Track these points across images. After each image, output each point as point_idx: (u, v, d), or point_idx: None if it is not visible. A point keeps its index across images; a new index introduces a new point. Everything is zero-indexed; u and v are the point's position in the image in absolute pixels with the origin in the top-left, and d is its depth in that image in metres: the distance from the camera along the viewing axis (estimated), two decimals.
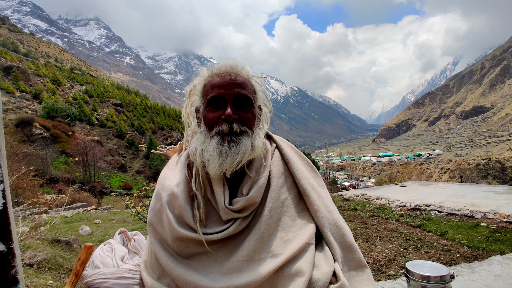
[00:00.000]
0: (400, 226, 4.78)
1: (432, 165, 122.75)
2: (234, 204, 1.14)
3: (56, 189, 24.33)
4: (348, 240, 1.19)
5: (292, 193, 1.23)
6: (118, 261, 1.36)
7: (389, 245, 3.86)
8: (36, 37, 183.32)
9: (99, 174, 38.10)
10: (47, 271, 3.46)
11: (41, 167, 27.47)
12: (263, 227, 1.12)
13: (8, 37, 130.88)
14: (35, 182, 11.16)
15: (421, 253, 3.51)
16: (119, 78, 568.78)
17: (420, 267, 1.57)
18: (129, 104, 73.69)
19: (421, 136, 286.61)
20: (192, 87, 1.34)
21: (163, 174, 1.31)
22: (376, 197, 7.34)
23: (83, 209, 11.95)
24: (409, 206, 5.98)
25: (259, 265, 1.05)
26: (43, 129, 41.98)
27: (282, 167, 1.27)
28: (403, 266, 3.15)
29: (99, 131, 54.80)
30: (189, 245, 1.12)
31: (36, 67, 76.85)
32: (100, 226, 7.00)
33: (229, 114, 1.11)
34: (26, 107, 51.18)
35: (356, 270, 1.15)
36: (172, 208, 1.15)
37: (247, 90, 1.18)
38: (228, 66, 1.20)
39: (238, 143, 1.12)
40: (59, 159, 38.65)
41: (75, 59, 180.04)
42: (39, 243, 4.20)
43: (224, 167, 1.10)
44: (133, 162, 49.61)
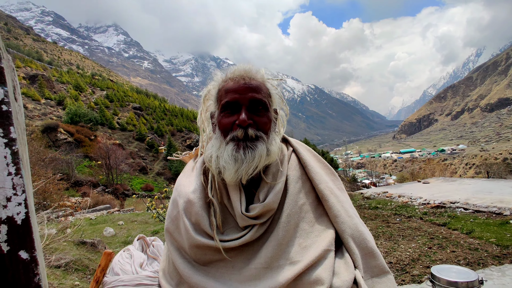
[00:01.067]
0: (423, 225, 4.65)
1: (456, 160, 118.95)
2: (251, 210, 1.12)
3: (80, 192, 25.11)
4: (370, 245, 1.14)
5: (310, 198, 1.20)
6: (137, 268, 1.38)
7: (412, 244, 3.76)
8: (58, 45, 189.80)
9: (121, 176, 39.04)
10: (74, 272, 3.58)
11: (66, 171, 28.45)
12: (280, 233, 1.09)
13: (33, 46, 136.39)
14: (60, 186, 11.58)
15: (446, 252, 3.40)
16: (138, 82, 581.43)
17: (446, 272, 1.50)
18: (148, 108, 75.17)
19: (443, 131, 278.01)
20: (206, 92, 1.33)
21: (179, 181, 1.31)
22: (398, 195, 7.18)
23: (107, 211, 12.28)
24: (433, 204, 5.81)
25: (278, 273, 1.03)
26: (67, 134, 43.46)
27: (299, 172, 1.24)
28: (428, 266, 3.06)
29: (120, 134, 56.17)
30: (206, 252, 1.11)
31: (59, 74, 79.68)
32: (123, 227, 7.17)
33: (244, 119, 1.09)
34: (51, 113, 53.14)
35: (379, 276, 1.11)
36: (188, 215, 1.15)
37: (262, 94, 1.16)
38: (242, 70, 1.18)
39: (253, 149, 1.10)
40: (83, 163, 39.87)
41: (96, 65, 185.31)
42: (66, 245, 4.35)
43: (240, 174, 1.09)
44: (154, 164, 50.56)
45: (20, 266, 0.61)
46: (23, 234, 0.62)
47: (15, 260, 0.61)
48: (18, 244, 0.61)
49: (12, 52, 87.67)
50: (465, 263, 3.11)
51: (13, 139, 0.62)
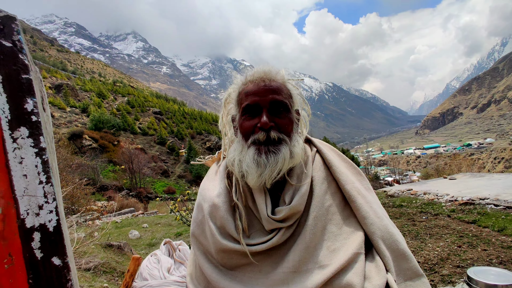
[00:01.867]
0: (451, 222, 4.50)
1: (484, 155, 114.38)
2: (277, 213, 1.10)
3: (106, 196, 25.86)
4: (402, 247, 1.10)
5: (337, 199, 1.18)
6: (165, 273, 1.39)
7: (440, 243, 3.64)
8: (81, 55, 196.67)
9: (144, 180, 39.94)
10: (102, 274, 3.69)
11: (92, 176, 29.43)
12: (308, 236, 1.07)
13: (57, 57, 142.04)
14: (87, 190, 11.98)
15: (477, 251, 3.27)
16: (157, 87, 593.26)
17: (484, 274, 1.43)
18: (168, 112, 76.60)
19: (469, 124, 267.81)
20: (227, 95, 1.32)
21: (203, 185, 1.30)
22: (423, 192, 6.98)
23: (132, 214, 12.60)
24: (461, 201, 5.61)
25: (306, 277, 1.01)
26: (92, 141, 44.96)
27: (324, 172, 1.21)
28: (458, 266, 2.95)
29: (142, 139, 57.51)
30: (232, 257, 1.10)
31: (82, 83, 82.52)
32: (147, 230, 7.33)
33: (265, 122, 1.07)
34: (76, 120, 55.09)
35: (413, 280, 1.07)
36: (214, 219, 1.14)
37: (283, 96, 1.14)
38: (262, 71, 1.16)
39: (276, 153, 1.08)
40: (108, 167, 41.10)
41: (117, 72, 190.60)
42: (94, 248, 4.49)
43: (263, 178, 1.07)
44: (175, 167, 51.44)
45: (53, 272, 0.64)
46: (55, 241, 0.64)
47: (49, 267, 0.63)
48: (51, 251, 0.64)
49: (38, 63, 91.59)
50: (498, 262, 2.98)
51: (43, 149, 0.64)
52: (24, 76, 0.65)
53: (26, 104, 0.64)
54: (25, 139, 0.63)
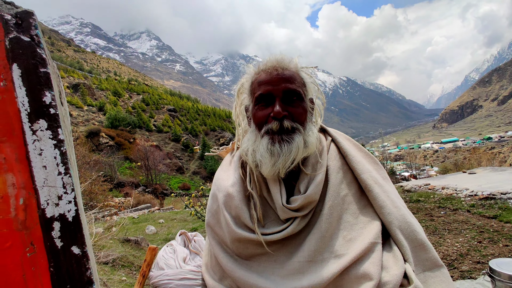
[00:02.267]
0: (471, 217, 4.38)
1: (505, 148, 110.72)
2: (292, 202, 1.09)
3: (123, 192, 26.43)
4: (420, 237, 1.07)
5: (353, 188, 1.16)
6: (181, 262, 1.41)
7: (460, 238, 3.56)
8: (97, 54, 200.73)
9: (160, 176, 40.58)
10: (120, 268, 3.77)
11: (109, 173, 30.10)
12: (323, 225, 1.06)
13: (74, 57, 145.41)
14: (105, 187, 12.26)
15: (499, 247, 3.18)
16: (171, 85, 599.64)
17: (508, 266, 1.38)
18: (182, 109, 77.40)
19: (489, 117, 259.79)
20: (240, 86, 1.31)
21: (217, 175, 1.30)
22: (441, 187, 6.82)
23: (148, 210, 12.82)
24: (481, 195, 5.45)
25: (322, 267, 1.00)
26: (108, 138, 45.92)
27: (339, 162, 1.19)
28: (478, 261, 2.88)
29: (157, 136, 58.36)
30: (248, 246, 1.10)
31: (98, 82, 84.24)
32: (163, 225, 7.44)
33: (278, 111, 1.06)
34: (93, 119, 56.35)
35: (432, 270, 1.04)
36: (228, 209, 1.14)
37: (296, 84, 1.12)
38: (274, 60, 1.14)
39: (289, 142, 1.07)
40: (124, 164, 41.93)
41: (131, 71, 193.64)
42: (112, 242, 4.59)
43: (277, 167, 1.06)
44: (189, 164, 52.02)
45: (73, 260, 0.66)
46: (74, 231, 0.66)
47: (68, 255, 0.65)
48: (70, 240, 0.66)
49: (56, 64, 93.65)
50: None
51: (61, 140, 0.66)
52: (42, 69, 0.65)
53: (45, 97, 0.65)
54: (44, 131, 0.64)
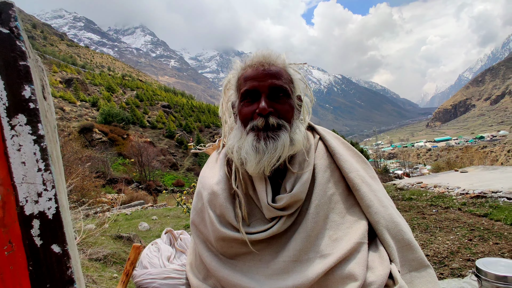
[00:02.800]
0: (462, 216, 4.43)
1: (497, 147, 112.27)
2: (278, 201, 1.07)
3: (116, 188, 26.24)
4: (407, 237, 1.07)
5: (340, 187, 1.14)
6: (165, 261, 1.40)
7: (451, 236, 3.59)
8: (90, 49, 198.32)
9: (153, 173, 40.42)
10: (112, 265, 3.74)
11: (102, 169, 29.90)
12: (309, 225, 1.04)
13: (67, 51, 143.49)
14: (97, 183, 12.16)
15: (489, 245, 3.21)
16: (166, 81, 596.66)
17: (494, 265, 1.38)
18: (176, 105, 77.02)
19: (482, 116, 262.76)
20: (227, 82, 1.29)
21: (203, 173, 1.28)
22: (433, 185, 6.88)
23: (141, 207, 12.74)
24: (473, 194, 5.51)
25: (307, 267, 0.99)
26: (102, 134, 45.55)
27: (327, 160, 1.17)
28: (468, 259, 2.91)
29: (150, 132, 58.03)
30: (232, 245, 1.08)
31: (92, 77, 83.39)
32: (157, 222, 7.41)
33: (264, 107, 1.04)
34: (86, 114, 55.81)
35: (418, 271, 1.04)
36: (213, 207, 1.12)
37: (283, 80, 1.10)
38: (261, 56, 1.12)
39: (275, 139, 1.04)
40: (117, 160, 41.68)
41: (125, 66, 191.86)
42: (104, 239, 4.56)
43: (262, 165, 1.04)
44: (184, 161, 51.87)
45: (53, 259, 0.64)
46: (54, 229, 0.64)
47: (48, 254, 0.63)
48: (50, 238, 0.64)
49: (49, 58, 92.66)
50: (510, 256, 2.92)
51: (42, 136, 0.64)
52: (21, 62, 0.63)
53: (24, 91, 0.63)
54: (23, 126, 0.62)
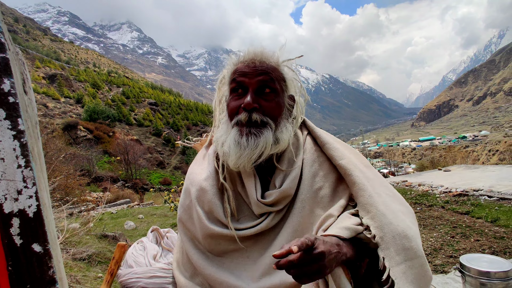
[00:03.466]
0: (445, 213, 4.53)
1: (478, 147, 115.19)
2: (267, 197, 1.06)
3: (101, 187, 25.79)
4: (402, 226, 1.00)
5: (330, 178, 1.10)
6: (151, 260, 1.37)
7: (434, 234, 3.67)
8: (75, 44, 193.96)
9: (140, 171, 39.92)
10: (97, 264, 3.68)
11: (87, 167, 29.35)
12: (295, 220, 1.04)
13: (51, 47, 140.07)
14: (82, 181, 11.92)
15: (470, 241, 3.30)
16: (153, 78, 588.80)
17: (477, 261, 1.41)
18: (163, 103, 76.18)
19: (465, 117, 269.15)
20: (221, 77, 1.28)
21: (191, 169, 1.27)
22: (417, 184, 7.02)
23: (127, 205, 12.56)
24: (455, 192, 5.65)
25: None
26: (87, 131, 44.69)
27: (315, 153, 1.15)
28: (451, 256, 2.98)
29: (137, 130, 57.28)
30: (220, 242, 1.08)
31: (76, 73, 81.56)
32: (143, 221, 7.32)
33: (249, 102, 1.04)
34: (71, 111, 54.61)
35: (412, 260, 0.94)
36: (201, 203, 1.11)
37: (273, 78, 1.09)
38: (253, 53, 1.12)
39: (257, 135, 1.03)
40: (103, 158, 40.95)
41: (111, 62, 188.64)
42: (88, 238, 4.48)
43: (242, 160, 1.03)
44: (171, 159, 51.40)
45: (33, 259, 0.62)
46: (35, 227, 0.62)
47: (29, 253, 0.61)
48: (31, 237, 0.61)
49: (32, 53, 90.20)
50: (490, 252, 3.01)
51: (22, 131, 0.61)
52: (0, 55, 0.61)
53: (3, 84, 0.60)
54: (2, 121, 0.60)
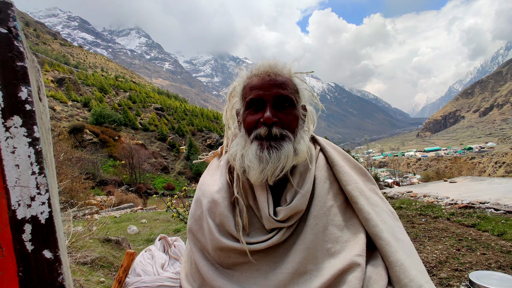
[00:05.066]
0: (451, 226, 4.48)
1: (485, 159, 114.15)
2: (278, 213, 1.07)
3: (105, 190, 25.91)
4: (397, 257, 1.04)
5: (339, 200, 1.13)
6: (159, 269, 1.37)
7: (439, 246, 3.62)
8: (84, 49, 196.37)
9: (144, 176, 40.02)
10: (99, 269, 3.68)
11: (92, 170, 29.50)
12: (308, 237, 1.04)
13: (60, 51, 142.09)
14: (86, 184, 11.99)
15: (476, 255, 3.25)
16: (159, 84, 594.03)
17: (487, 279, 1.39)
18: (169, 108, 76.64)
19: (471, 128, 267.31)
20: (232, 89, 1.29)
21: (203, 179, 1.27)
22: (423, 195, 6.96)
23: (130, 210, 12.59)
24: (461, 204, 5.59)
25: (305, 280, 0.99)
26: (93, 135, 45.02)
27: (327, 172, 1.17)
28: (456, 269, 2.94)
29: (142, 135, 57.56)
30: (230, 255, 1.07)
31: (84, 77, 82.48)
32: (146, 225, 7.32)
33: (268, 117, 1.04)
34: (78, 114, 55.13)
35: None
36: (213, 216, 1.11)
37: (288, 90, 1.10)
38: (267, 65, 1.13)
39: (278, 148, 1.04)
40: (108, 162, 41.17)
41: (119, 67, 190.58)
42: (92, 242, 4.48)
43: (265, 174, 1.04)
44: (175, 164, 51.49)
45: (44, 265, 0.62)
46: (47, 234, 0.62)
47: (40, 260, 0.62)
48: (42, 243, 0.62)
49: (41, 57, 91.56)
50: (497, 266, 2.96)
51: (37, 139, 0.62)
52: (19, 63, 0.62)
53: (20, 92, 0.61)
54: (18, 128, 0.61)
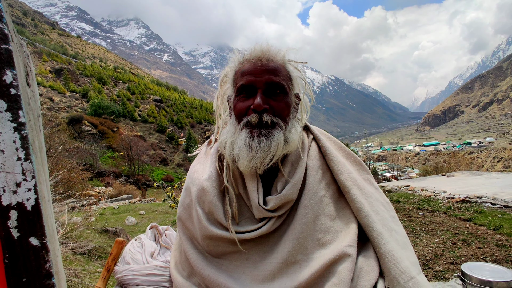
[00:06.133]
0: (448, 219, 4.50)
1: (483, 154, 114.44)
2: (268, 202, 1.04)
3: (104, 182, 25.92)
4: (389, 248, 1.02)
5: (331, 189, 1.10)
6: (148, 257, 1.36)
7: (435, 239, 3.64)
8: (82, 39, 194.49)
9: (143, 167, 40.08)
10: (97, 259, 3.69)
11: (91, 161, 29.53)
12: (298, 227, 1.02)
13: (58, 41, 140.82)
14: (84, 175, 11.99)
15: (472, 249, 3.27)
16: (158, 75, 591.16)
17: (479, 270, 1.40)
18: (168, 100, 76.40)
19: (470, 123, 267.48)
20: (223, 75, 1.25)
21: (192, 167, 1.24)
22: (420, 189, 6.98)
23: (129, 201, 12.61)
24: (458, 198, 5.61)
25: (294, 271, 0.97)
26: (91, 126, 44.93)
27: (319, 161, 1.14)
28: (452, 262, 2.95)
29: (141, 126, 57.47)
30: (219, 244, 1.06)
31: (83, 68, 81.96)
32: (144, 217, 7.35)
33: (259, 103, 1.00)
34: (76, 105, 54.92)
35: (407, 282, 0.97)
36: (201, 204, 1.08)
37: (281, 77, 1.06)
38: (260, 50, 1.08)
39: (268, 137, 1.01)
40: (106, 153, 41.18)
41: (118, 58, 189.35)
42: (89, 232, 4.50)
43: (255, 163, 1.01)
44: (174, 156, 51.53)
45: (30, 252, 0.61)
46: (33, 221, 0.61)
47: (26, 247, 0.61)
48: (28, 230, 0.61)
49: (39, 47, 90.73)
50: (492, 260, 2.98)
51: (22, 124, 0.60)
52: (3, 46, 0.60)
53: (5, 76, 0.59)
54: (3, 112, 0.59)
